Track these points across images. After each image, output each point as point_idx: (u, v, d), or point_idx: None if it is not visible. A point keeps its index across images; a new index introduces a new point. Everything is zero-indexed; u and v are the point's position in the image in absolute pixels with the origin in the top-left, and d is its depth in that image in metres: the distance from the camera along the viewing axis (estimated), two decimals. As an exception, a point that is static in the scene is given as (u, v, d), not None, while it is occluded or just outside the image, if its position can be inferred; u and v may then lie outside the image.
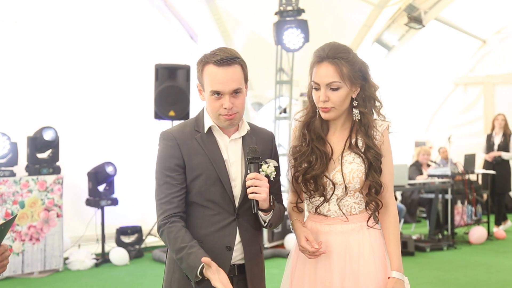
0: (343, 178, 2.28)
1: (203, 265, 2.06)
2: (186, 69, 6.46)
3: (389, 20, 9.00)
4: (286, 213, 2.44)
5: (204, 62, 2.21)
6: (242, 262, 2.25)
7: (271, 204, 2.21)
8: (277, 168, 2.26)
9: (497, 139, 8.62)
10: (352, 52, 2.29)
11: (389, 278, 2.27)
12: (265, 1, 7.62)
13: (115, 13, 7.41)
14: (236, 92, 2.18)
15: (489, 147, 8.61)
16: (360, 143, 2.32)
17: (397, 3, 8.67)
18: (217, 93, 2.17)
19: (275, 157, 2.36)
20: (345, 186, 2.29)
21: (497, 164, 8.47)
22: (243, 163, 2.25)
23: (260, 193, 2.15)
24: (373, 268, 2.28)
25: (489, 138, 8.70)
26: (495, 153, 8.51)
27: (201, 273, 2.06)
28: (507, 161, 8.57)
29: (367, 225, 2.32)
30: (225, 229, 2.22)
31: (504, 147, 8.53)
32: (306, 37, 6.89)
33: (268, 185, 2.18)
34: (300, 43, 6.94)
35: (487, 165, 8.55)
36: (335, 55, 2.24)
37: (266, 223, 2.26)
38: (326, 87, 2.25)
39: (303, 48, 6.96)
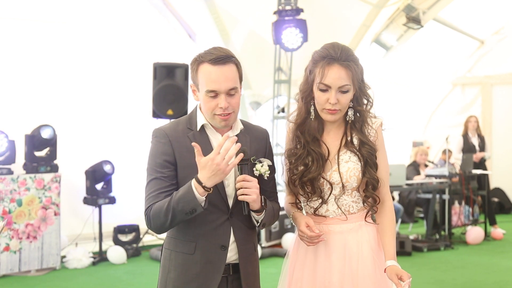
0: (340, 177, 2.29)
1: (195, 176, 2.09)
2: (185, 68, 6.46)
3: (388, 20, 9.00)
4: (283, 212, 2.44)
5: (198, 61, 2.19)
6: (237, 261, 2.25)
7: (263, 204, 2.20)
8: (271, 167, 2.24)
9: (475, 141, 8.82)
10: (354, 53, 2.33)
11: (385, 270, 2.25)
12: (264, 0, 7.62)
13: (114, 12, 7.40)
14: (231, 91, 2.16)
15: (469, 149, 8.72)
16: (355, 141, 2.33)
17: (395, 3, 8.66)
18: (213, 92, 2.15)
19: (270, 154, 2.35)
20: (343, 185, 2.29)
21: (479, 164, 8.60)
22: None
23: (250, 194, 2.14)
24: (372, 268, 2.29)
25: (466, 139, 8.82)
26: (481, 154, 8.69)
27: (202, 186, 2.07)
28: (484, 162, 8.79)
29: (365, 221, 2.33)
30: (219, 228, 2.20)
31: (482, 147, 8.79)
32: (305, 36, 6.90)
33: (258, 186, 2.16)
34: (298, 42, 6.94)
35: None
36: (347, 57, 2.24)
37: (259, 223, 2.25)
38: (337, 90, 2.24)
39: (301, 47, 6.96)
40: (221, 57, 2.14)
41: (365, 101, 2.35)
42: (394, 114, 9.83)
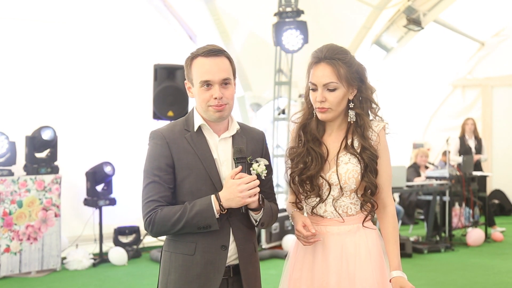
0: (339, 179, 2.29)
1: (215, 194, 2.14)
2: (185, 69, 6.47)
3: (388, 22, 8.99)
4: (284, 214, 2.44)
5: (192, 56, 2.25)
6: (237, 262, 2.25)
7: (260, 203, 2.21)
8: (268, 167, 2.25)
9: (472, 143, 8.90)
10: (349, 53, 2.31)
11: (390, 280, 2.26)
12: (264, 2, 7.63)
13: (115, 13, 7.41)
14: (225, 82, 2.20)
15: (466, 151, 8.77)
16: (356, 144, 2.33)
17: (396, 5, 8.66)
18: (207, 83, 2.18)
19: (266, 156, 2.37)
20: (341, 186, 2.30)
21: (475, 166, 8.62)
22: (233, 162, 2.24)
23: (255, 195, 2.16)
24: (369, 270, 2.29)
25: (463, 141, 8.89)
26: (476, 157, 8.76)
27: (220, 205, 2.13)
28: (479, 164, 8.87)
29: (363, 226, 2.33)
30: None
31: (479, 150, 8.88)
32: (305, 38, 6.90)
33: (256, 182, 2.17)
34: (299, 44, 6.94)
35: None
36: (333, 56, 2.25)
37: (257, 222, 2.26)
38: (323, 88, 2.26)
39: (302, 49, 6.96)
40: (213, 50, 2.21)
41: (370, 104, 2.35)
42: (394, 115, 9.83)
